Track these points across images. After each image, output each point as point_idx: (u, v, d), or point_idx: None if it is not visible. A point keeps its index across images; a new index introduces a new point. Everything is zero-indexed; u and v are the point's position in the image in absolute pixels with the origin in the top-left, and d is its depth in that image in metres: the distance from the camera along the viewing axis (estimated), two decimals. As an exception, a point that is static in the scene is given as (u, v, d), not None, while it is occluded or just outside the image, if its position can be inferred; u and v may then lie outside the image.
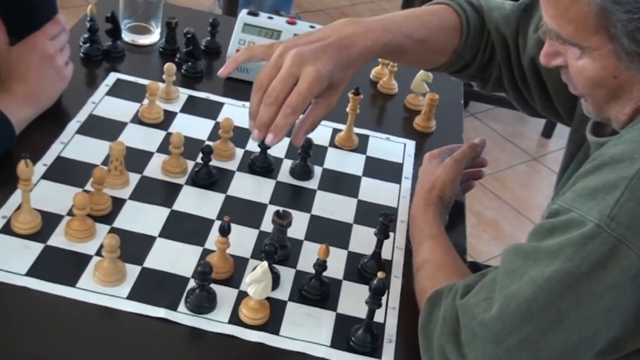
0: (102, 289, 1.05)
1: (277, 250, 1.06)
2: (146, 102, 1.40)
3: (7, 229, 1.11)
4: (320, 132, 1.44)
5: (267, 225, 1.19)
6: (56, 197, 1.18)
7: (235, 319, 1.05)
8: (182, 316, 1.04)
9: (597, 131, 1.03)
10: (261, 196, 1.27)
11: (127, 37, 1.59)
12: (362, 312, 1.06)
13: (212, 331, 1.03)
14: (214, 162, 1.30)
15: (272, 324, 1.05)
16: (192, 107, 1.46)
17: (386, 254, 1.20)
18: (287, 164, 1.35)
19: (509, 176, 3.22)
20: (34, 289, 1.03)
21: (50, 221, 1.13)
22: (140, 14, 1.59)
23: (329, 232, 1.23)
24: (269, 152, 1.33)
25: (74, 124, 1.34)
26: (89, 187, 1.20)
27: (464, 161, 1.29)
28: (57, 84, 1.34)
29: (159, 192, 1.24)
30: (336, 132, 1.46)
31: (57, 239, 1.11)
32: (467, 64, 1.27)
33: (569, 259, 0.86)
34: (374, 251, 1.17)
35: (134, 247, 1.12)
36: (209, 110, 1.46)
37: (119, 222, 1.16)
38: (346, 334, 1.06)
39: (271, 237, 1.15)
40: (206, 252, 1.14)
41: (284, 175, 1.33)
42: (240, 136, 1.37)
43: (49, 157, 1.26)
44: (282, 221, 1.12)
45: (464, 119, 1.61)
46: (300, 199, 1.30)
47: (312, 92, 1.05)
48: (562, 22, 0.90)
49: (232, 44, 1.53)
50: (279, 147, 1.37)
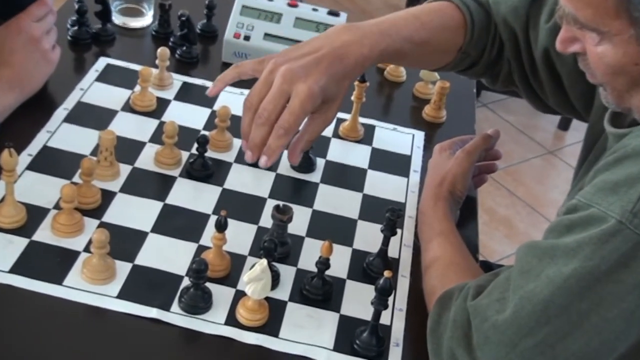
0: (91, 287, 1.05)
1: (276, 247, 1.06)
2: (138, 88, 1.40)
3: (-11, 223, 1.11)
4: (323, 122, 1.44)
5: (267, 220, 1.19)
6: (42, 189, 1.18)
7: (232, 320, 1.05)
8: (175, 317, 1.04)
9: (616, 122, 1.03)
10: (260, 189, 1.27)
11: (117, 19, 1.59)
12: (367, 313, 1.06)
13: (207, 333, 1.03)
14: (210, 153, 1.30)
15: (271, 326, 1.05)
16: (187, 94, 1.45)
17: (393, 252, 1.20)
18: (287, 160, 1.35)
19: (523, 171, 3.22)
20: (17, 287, 1.03)
21: (35, 215, 1.13)
22: (131, -5, 1.59)
23: (332, 228, 1.22)
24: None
25: (61, 112, 1.34)
26: (76, 178, 1.20)
27: (477, 153, 1.29)
28: (43, 68, 1.33)
29: (151, 185, 1.24)
30: (340, 122, 1.45)
31: (43, 234, 1.11)
32: (474, 61, 1.27)
33: (588, 258, 0.85)
34: (380, 249, 1.17)
35: (125, 242, 1.12)
36: (205, 97, 1.43)
37: (108, 216, 1.16)
38: (350, 336, 1.05)
39: (270, 233, 1.14)
40: (201, 249, 1.13)
41: (285, 167, 1.33)
42: (237, 125, 1.36)
43: (34, 147, 1.25)
44: (282, 216, 1.12)
45: (476, 110, 1.60)
46: (301, 192, 1.29)
47: (304, 111, 1.05)
48: (580, 5, 0.90)
49: (230, 27, 1.53)
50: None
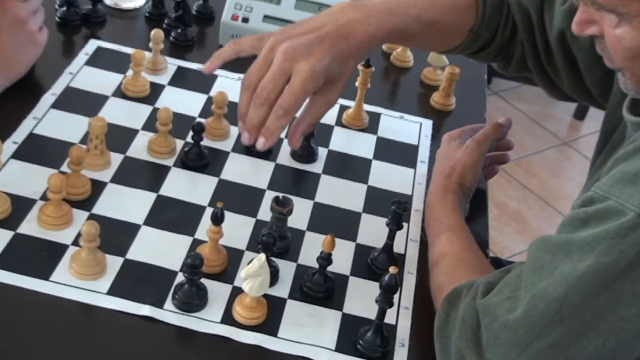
0: (80, 283, 1.05)
1: (275, 241, 1.06)
2: (130, 73, 1.39)
3: (-28, 215, 1.11)
4: (325, 110, 1.44)
5: (265, 213, 1.19)
6: (28, 179, 1.18)
7: (228, 319, 1.05)
8: (168, 314, 1.04)
9: (636, 109, 1.03)
10: (259, 180, 1.27)
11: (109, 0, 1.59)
12: (371, 312, 1.06)
13: (202, 332, 1.03)
14: (206, 142, 1.30)
15: (270, 325, 1.05)
16: (182, 79, 1.45)
17: (399, 247, 1.20)
18: (287, 145, 1.34)
19: (536, 162, 3.22)
20: (1, 282, 1.03)
21: (21, 206, 1.13)
22: (123, -26, 1.59)
23: (335, 222, 1.22)
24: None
25: (48, 97, 1.34)
26: (65, 168, 1.20)
27: (487, 143, 1.29)
28: (30, 51, 1.33)
29: (144, 175, 1.24)
30: (344, 109, 1.45)
31: (29, 226, 1.11)
32: (486, 44, 1.27)
33: (605, 253, 0.85)
34: (385, 244, 1.16)
35: (116, 236, 1.12)
36: (201, 83, 1.45)
37: (98, 208, 1.16)
38: (353, 336, 1.05)
39: (269, 226, 1.14)
40: (196, 243, 1.13)
41: (285, 157, 1.33)
42: (235, 113, 1.37)
43: (19, 134, 1.25)
44: (281, 209, 1.12)
45: (487, 98, 1.60)
46: (302, 184, 1.29)
47: (306, 91, 1.05)
48: (597, -15, 0.90)
49: (227, 8, 1.53)
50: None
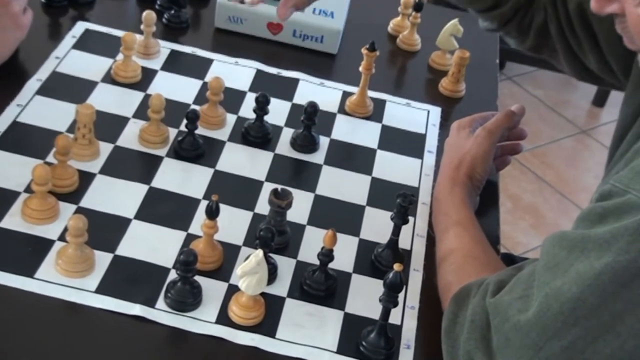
0: (66, 281, 1.05)
1: (274, 236, 1.06)
2: (120, 57, 1.39)
3: (-47, 208, 1.11)
4: (327, 96, 1.44)
5: (263, 206, 1.19)
6: (11, 170, 1.18)
7: (223, 319, 1.05)
8: (160, 314, 1.04)
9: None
10: (256, 171, 1.27)
11: (97, -21, 1.59)
12: (374, 311, 1.06)
13: (196, 332, 1.03)
14: (201, 130, 1.29)
15: (268, 325, 1.05)
16: (175, 64, 1.45)
17: (404, 243, 1.20)
18: (287, 134, 1.35)
19: (553, 152, 3.22)
20: (-16, 279, 1.04)
21: (3, 199, 1.13)
22: (113, -48, 1.58)
23: (337, 216, 1.23)
24: (267, 119, 1.33)
25: (33, 83, 1.34)
26: (50, 158, 1.20)
27: (499, 132, 1.28)
28: (13, 34, 1.33)
29: (134, 166, 1.24)
30: (347, 95, 1.45)
31: (12, 221, 1.11)
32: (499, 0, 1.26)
33: (624, 251, 0.85)
34: (390, 239, 1.17)
35: (105, 230, 1.12)
36: (196, 67, 1.45)
37: (86, 201, 1.16)
38: (356, 337, 1.06)
39: (267, 220, 1.14)
40: (190, 238, 1.14)
41: (284, 146, 1.33)
42: (232, 99, 1.37)
43: (2, 122, 1.25)
44: (280, 202, 1.12)
45: (499, 83, 1.60)
46: (302, 175, 1.29)
47: None
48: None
49: (224, -11, 1.52)
50: (279, 113, 1.37)
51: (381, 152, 1.36)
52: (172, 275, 1.08)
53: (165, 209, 1.17)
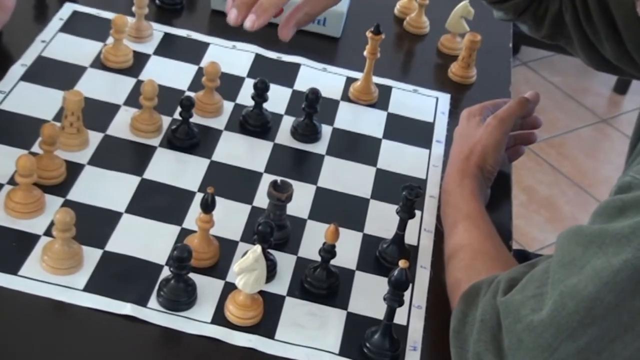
0: (53, 278, 1.05)
1: (273, 231, 1.06)
2: (111, 41, 1.39)
3: None
4: (330, 82, 1.44)
5: (262, 199, 1.19)
6: (-5, 160, 1.18)
7: (219, 318, 1.05)
8: (153, 313, 1.04)
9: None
10: (254, 162, 1.27)
11: (86, -42, 1.59)
12: (379, 311, 1.06)
13: (190, 333, 1.03)
14: (196, 119, 1.30)
15: (266, 325, 1.06)
16: (169, 48, 1.45)
17: (411, 238, 1.20)
18: (287, 122, 1.35)
19: (570, 142, 3.22)
20: (-34, 276, 1.04)
21: (-13, 191, 1.14)
22: None
23: (340, 209, 1.23)
24: (266, 106, 1.33)
25: (17, 69, 1.34)
26: (36, 148, 1.20)
27: (511, 120, 1.28)
28: (-3, 16, 1.33)
29: (126, 156, 1.24)
30: (350, 81, 1.45)
31: (-4, 214, 1.12)
32: None
33: (643, 247, 0.85)
34: (396, 234, 1.17)
35: (94, 225, 1.12)
36: (190, 52, 1.46)
37: (74, 194, 1.16)
38: (359, 338, 1.06)
39: (266, 214, 1.15)
40: (184, 233, 1.14)
41: (284, 135, 1.33)
42: (229, 86, 1.37)
43: (-14, 110, 1.26)
44: (280, 194, 1.12)
45: (513, 69, 1.60)
46: (303, 166, 1.30)
47: None
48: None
49: (220, -32, 1.52)
50: (278, 100, 1.37)
51: (386, 141, 1.37)
52: (165, 272, 1.08)
53: (158, 202, 1.18)
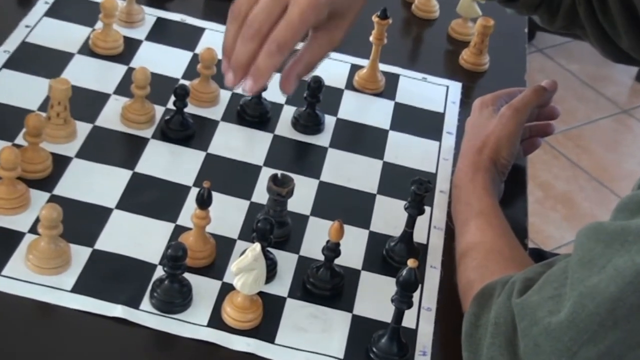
0: (38, 278, 1.05)
1: (273, 228, 1.06)
2: (100, 25, 1.39)
3: None
4: (333, 69, 1.44)
5: (261, 194, 1.19)
6: (-23, 153, 1.18)
7: (216, 321, 1.05)
8: (145, 316, 1.04)
9: None
10: (253, 155, 1.27)
11: (74, -62, 1.59)
12: (386, 313, 1.06)
13: (185, 336, 1.03)
14: (191, 109, 1.30)
15: (266, 329, 1.06)
16: (162, 33, 1.45)
17: (420, 236, 1.20)
18: (288, 112, 1.35)
19: (589, 134, 3.22)
20: (-54, 277, 1.04)
21: (-31, 186, 1.14)
22: None
23: (344, 205, 1.23)
24: (265, 95, 1.33)
25: (0, 55, 1.34)
26: (20, 140, 1.20)
27: (527, 111, 1.28)
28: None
29: (116, 148, 1.24)
30: (355, 69, 1.45)
31: (-22, 210, 1.12)
32: None
33: (668, 245, 0.85)
34: (404, 231, 1.17)
35: (82, 222, 1.12)
36: (185, 38, 1.46)
37: (61, 188, 1.16)
38: (365, 342, 1.06)
39: (266, 210, 1.15)
40: (179, 230, 1.14)
41: (284, 126, 1.33)
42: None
43: (-33, 100, 1.26)
44: (280, 189, 1.12)
45: (528, 56, 1.60)
46: (305, 159, 1.30)
47: (305, 23, 1.05)
48: None
49: (216, -51, 1.52)
50: (279, 89, 1.36)
51: (394, 133, 1.37)
52: (159, 272, 1.08)
53: (150, 198, 1.18)
